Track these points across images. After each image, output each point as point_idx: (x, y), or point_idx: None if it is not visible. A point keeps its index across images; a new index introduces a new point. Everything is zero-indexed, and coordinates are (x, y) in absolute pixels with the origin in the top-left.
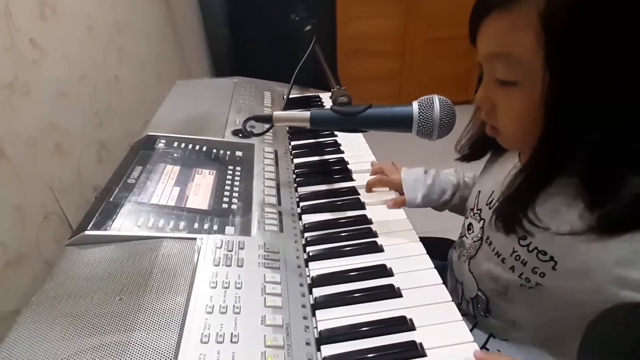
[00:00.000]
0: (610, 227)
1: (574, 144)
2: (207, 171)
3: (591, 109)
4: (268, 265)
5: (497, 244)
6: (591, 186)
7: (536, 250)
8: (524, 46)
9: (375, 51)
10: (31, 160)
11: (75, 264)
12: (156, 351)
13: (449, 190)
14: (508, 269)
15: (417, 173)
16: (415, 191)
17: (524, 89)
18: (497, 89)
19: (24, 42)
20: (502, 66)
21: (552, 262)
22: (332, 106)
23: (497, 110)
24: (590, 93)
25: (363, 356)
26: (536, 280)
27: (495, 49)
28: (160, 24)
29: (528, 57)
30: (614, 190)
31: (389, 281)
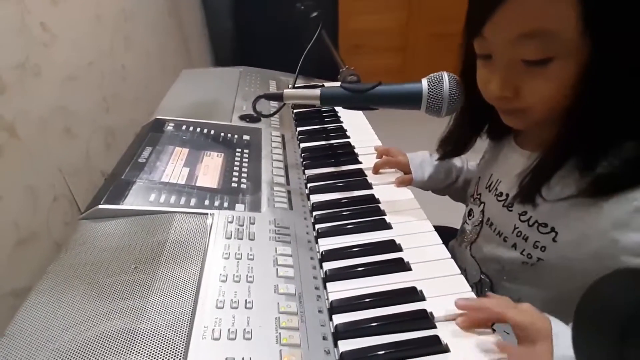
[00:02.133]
0: (601, 188)
1: (607, 113)
2: (215, 153)
3: (629, 78)
4: (279, 240)
5: (498, 224)
6: (584, 150)
7: (537, 224)
8: (560, 19)
9: (378, 47)
10: (41, 140)
11: (89, 236)
12: (173, 315)
13: (453, 172)
14: (510, 247)
15: (423, 154)
16: (422, 170)
17: (560, 63)
18: (524, 72)
19: (35, 24)
20: (535, 45)
21: (552, 233)
22: (341, 83)
23: (522, 92)
24: (629, 61)
25: (375, 323)
26: (537, 255)
27: (526, 29)
28: (165, 16)
29: (565, 30)
30: (604, 153)
31: (398, 255)
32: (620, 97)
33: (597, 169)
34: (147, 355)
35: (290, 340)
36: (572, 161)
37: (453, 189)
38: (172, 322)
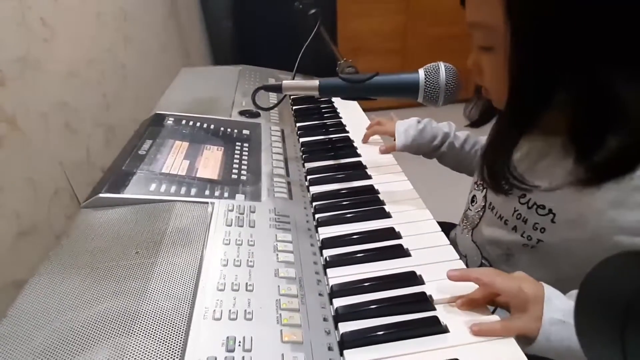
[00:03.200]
0: (596, 177)
1: (536, 101)
2: (215, 147)
3: (548, 68)
4: (279, 227)
5: (499, 207)
6: (578, 142)
7: (535, 206)
8: (493, 15)
9: (376, 49)
10: (42, 134)
11: (90, 224)
12: (174, 296)
13: (439, 137)
14: (510, 229)
15: (411, 120)
16: (407, 135)
17: (499, 52)
18: (482, 54)
19: (34, 19)
20: (479, 34)
21: (550, 214)
22: (340, 74)
23: (483, 73)
24: (545, 53)
25: (375, 306)
26: (537, 237)
27: (474, 19)
28: (164, 17)
29: (497, 24)
30: (597, 144)
31: (398, 242)
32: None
33: (592, 158)
34: (149, 335)
35: (290, 321)
36: (559, 148)
37: (439, 152)
38: (173, 303)
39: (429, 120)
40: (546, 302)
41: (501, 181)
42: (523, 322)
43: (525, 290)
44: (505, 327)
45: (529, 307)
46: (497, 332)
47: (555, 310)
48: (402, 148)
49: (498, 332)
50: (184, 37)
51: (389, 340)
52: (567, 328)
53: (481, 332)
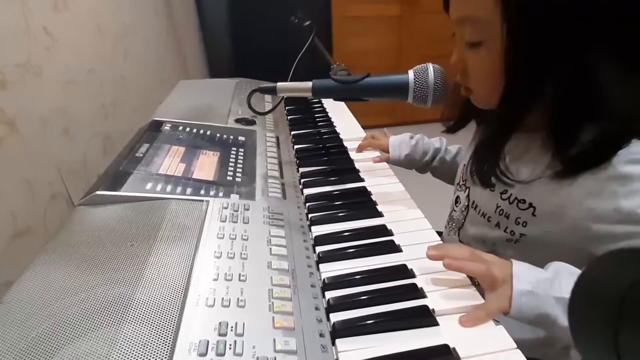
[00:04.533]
0: (572, 169)
1: (532, 89)
2: (211, 152)
3: (542, 59)
4: (273, 223)
5: (482, 205)
6: (555, 137)
7: (516, 200)
8: (484, 6)
9: (372, 67)
10: (41, 138)
11: (87, 219)
12: (167, 285)
13: (430, 152)
14: (494, 226)
15: (403, 137)
16: (400, 150)
17: (489, 47)
18: (468, 51)
19: (37, 27)
20: (469, 28)
21: (531, 208)
22: (332, 76)
23: (468, 71)
24: (540, 44)
25: (367, 297)
26: (520, 231)
27: (462, 13)
28: (163, 33)
29: (488, 16)
30: (573, 138)
31: (389, 239)
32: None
33: (569, 151)
34: (142, 320)
35: (282, 309)
36: (540, 143)
37: (431, 167)
38: (166, 291)
39: (421, 136)
40: (515, 277)
41: (490, 177)
42: (497, 302)
43: (493, 271)
44: (487, 310)
45: (497, 286)
46: (482, 319)
47: (524, 283)
48: (394, 162)
49: (483, 319)
50: (182, 52)
51: (380, 329)
52: (536, 297)
53: (469, 323)
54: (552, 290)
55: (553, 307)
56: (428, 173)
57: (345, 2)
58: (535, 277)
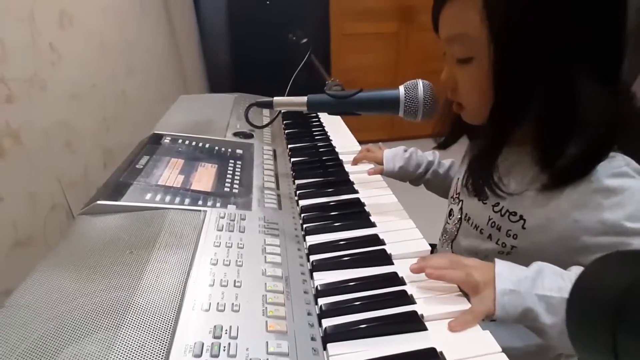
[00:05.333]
0: (558, 182)
1: (520, 103)
2: (209, 164)
3: (529, 74)
4: (268, 233)
5: (474, 218)
6: (542, 151)
7: (507, 213)
8: (472, 25)
9: (369, 83)
10: (44, 150)
11: (88, 228)
12: (164, 290)
13: (423, 165)
14: (486, 238)
15: (397, 150)
16: (394, 162)
17: (478, 63)
18: (458, 68)
19: (44, 44)
20: (458, 46)
21: (521, 220)
22: (326, 91)
23: (459, 87)
24: (525, 60)
25: (358, 303)
26: (511, 243)
27: (452, 32)
28: (164, 49)
29: (476, 34)
30: (559, 152)
31: (381, 248)
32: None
33: (555, 165)
34: (140, 323)
35: (276, 313)
36: (529, 157)
37: (424, 180)
38: (163, 296)
39: (415, 150)
40: (497, 277)
41: (485, 188)
42: (482, 305)
43: (474, 275)
44: (473, 314)
45: (480, 290)
46: (470, 323)
47: (506, 282)
48: (388, 173)
49: (471, 322)
50: (182, 68)
51: (370, 334)
52: (517, 295)
53: (458, 327)
54: (534, 288)
55: (535, 304)
56: (422, 187)
57: (343, 20)
58: (517, 275)
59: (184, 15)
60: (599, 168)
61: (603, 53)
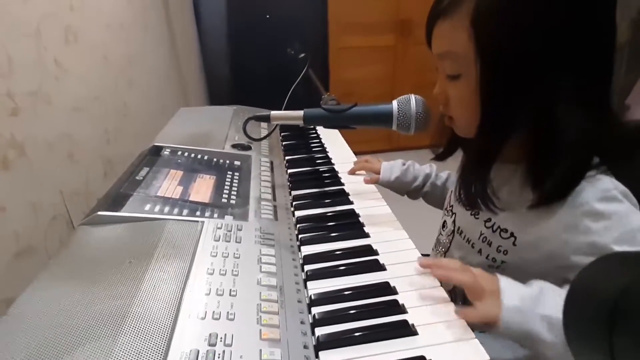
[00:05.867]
0: (545, 200)
1: (506, 120)
2: (207, 176)
3: (513, 92)
4: (264, 243)
5: (467, 231)
6: (531, 169)
7: (499, 229)
8: (461, 43)
9: (367, 94)
10: (46, 162)
11: (88, 239)
12: (162, 299)
13: (420, 178)
14: (477, 252)
15: (395, 162)
16: (391, 172)
17: (467, 79)
18: (449, 84)
19: (49, 59)
20: (448, 62)
21: (512, 237)
22: (322, 105)
23: (450, 101)
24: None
25: (350, 312)
26: (501, 258)
27: (442, 49)
28: (165, 62)
29: (465, 52)
30: (548, 170)
31: (374, 258)
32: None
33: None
34: (138, 331)
35: (269, 322)
36: (520, 174)
37: (422, 193)
38: (161, 304)
39: (412, 163)
40: (502, 293)
41: (477, 200)
42: (488, 308)
43: (481, 282)
44: (478, 312)
45: (485, 296)
46: (473, 318)
47: (513, 299)
48: (384, 183)
49: (474, 318)
50: (183, 80)
51: (361, 342)
52: (522, 314)
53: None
54: (537, 307)
55: (536, 323)
56: (419, 199)
57: (341, 33)
58: (521, 294)
59: (185, 29)
60: (588, 191)
61: (589, 75)
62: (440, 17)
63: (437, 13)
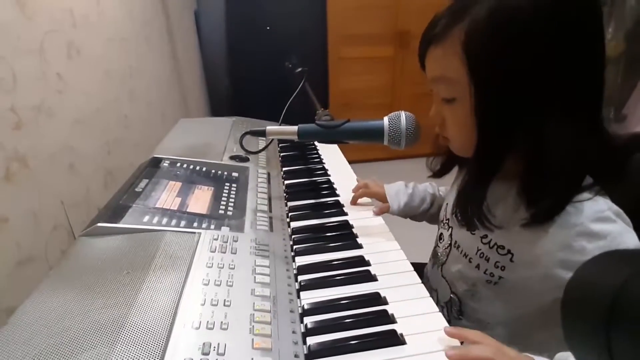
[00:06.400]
0: (538, 219)
1: (501, 144)
2: (206, 187)
3: (508, 114)
4: (258, 254)
5: (464, 246)
6: (526, 187)
7: (496, 246)
8: (454, 69)
9: (366, 104)
10: (48, 173)
11: (88, 249)
12: (158, 309)
13: (427, 199)
14: (474, 267)
15: (398, 185)
16: (398, 199)
17: (462, 103)
18: (444, 106)
19: (52, 74)
20: (443, 87)
21: (509, 254)
22: (316, 121)
23: (446, 123)
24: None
25: (341, 321)
26: (499, 274)
27: (436, 73)
28: (167, 73)
29: (458, 77)
30: (543, 189)
31: (366, 269)
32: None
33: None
34: (134, 340)
35: (262, 331)
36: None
37: (429, 214)
38: (157, 314)
39: (414, 184)
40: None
41: (474, 219)
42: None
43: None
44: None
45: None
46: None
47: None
48: (395, 212)
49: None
50: (183, 91)
51: (351, 351)
52: None
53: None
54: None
55: None
56: None
57: (341, 45)
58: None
59: (187, 41)
60: (583, 211)
61: (578, 95)
62: (433, 42)
63: (429, 39)
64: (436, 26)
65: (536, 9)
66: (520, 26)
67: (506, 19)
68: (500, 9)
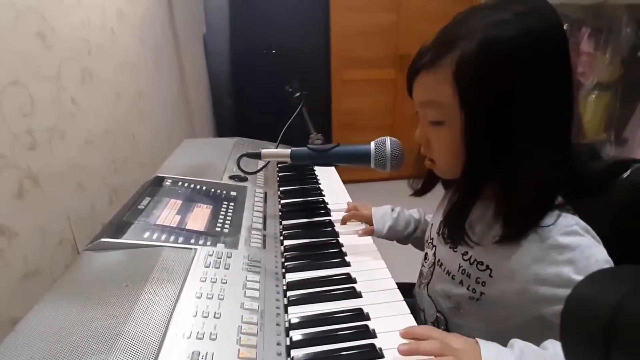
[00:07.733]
0: (511, 236)
1: (488, 166)
2: (204, 205)
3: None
4: (250, 270)
5: (446, 264)
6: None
7: (476, 262)
8: (444, 95)
9: (368, 125)
10: (57, 191)
11: (91, 263)
12: (153, 320)
13: (412, 224)
14: (457, 283)
15: (385, 209)
16: (383, 222)
17: (449, 127)
18: (430, 129)
19: (66, 98)
20: (431, 111)
21: (488, 270)
22: (308, 145)
23: (432, 145)
24: (493, 126)
25: (325, 335)
26: (480, 289)
27: (425, 98)
28: (174, 95)
29: (448, 102)
30: (513, 210)
31: (352, 286)
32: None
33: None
34: (129, 348)
35: (248, 342)
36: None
37: (413, 238)
38: (151, 324)
39: (401, 209)
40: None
41: (458, 237)
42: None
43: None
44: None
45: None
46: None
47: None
48: (378, 234)
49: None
50: (191, 112)
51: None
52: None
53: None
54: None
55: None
56: None
57: (343, 67)
58: (502, 358)
59: (195, 65)
60: (553, 227)
61: (551, 123)
62: (423, 69)
63: (419, 67)
64: (425, 56)
65: (519, 45)
66: (505, 57)
67: (494, 51)
68: (488, 44)
